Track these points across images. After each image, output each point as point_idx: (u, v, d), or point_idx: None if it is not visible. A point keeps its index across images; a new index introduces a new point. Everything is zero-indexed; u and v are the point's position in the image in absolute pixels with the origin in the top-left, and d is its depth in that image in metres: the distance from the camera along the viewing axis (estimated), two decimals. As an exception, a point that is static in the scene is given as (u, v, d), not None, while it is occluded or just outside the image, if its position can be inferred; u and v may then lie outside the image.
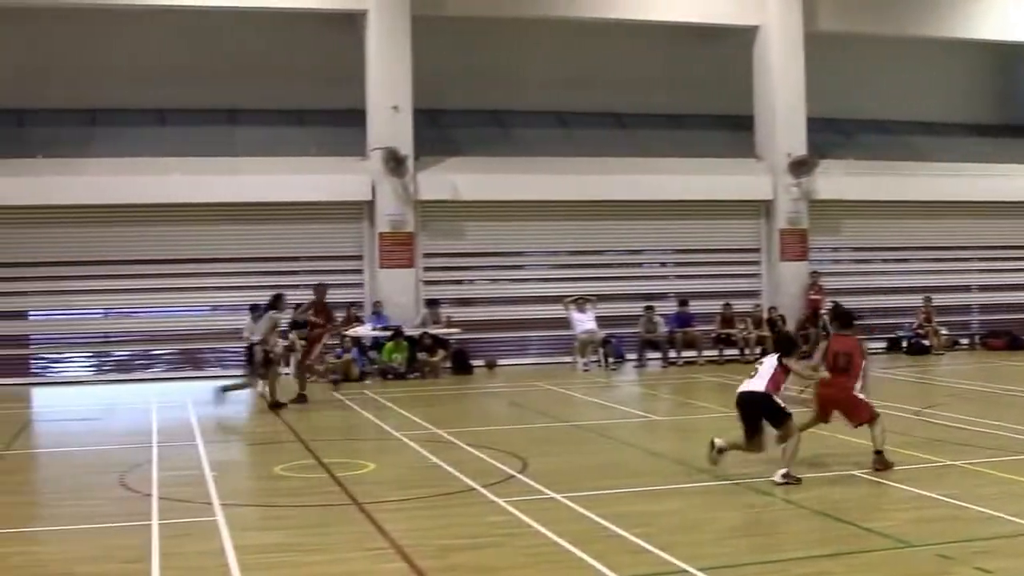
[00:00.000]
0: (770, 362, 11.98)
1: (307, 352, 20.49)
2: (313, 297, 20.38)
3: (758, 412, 11.74)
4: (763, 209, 28.08)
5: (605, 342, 25.39)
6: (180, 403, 19.67)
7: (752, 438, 11.80)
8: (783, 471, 11.42)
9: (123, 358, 25.39)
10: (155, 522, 10.37)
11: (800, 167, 27.34)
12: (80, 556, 9.41)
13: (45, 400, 22.04)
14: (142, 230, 24.84)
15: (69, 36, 25.47)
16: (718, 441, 11.90)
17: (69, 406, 20.28)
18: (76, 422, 18.02)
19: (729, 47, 28.18)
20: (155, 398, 20.49)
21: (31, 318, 25.42)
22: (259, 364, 18.78)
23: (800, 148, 27.41)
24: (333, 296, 24.59)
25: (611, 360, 25.31)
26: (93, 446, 15.85)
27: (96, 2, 24.88)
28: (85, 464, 14.22)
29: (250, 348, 19.05)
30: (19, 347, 24.93)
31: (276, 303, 19.38)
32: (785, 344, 12.30)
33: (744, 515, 10.60)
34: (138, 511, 10.92)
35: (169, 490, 11.84)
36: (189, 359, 25.58)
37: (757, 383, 11.79)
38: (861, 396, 12.31)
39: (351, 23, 25.91)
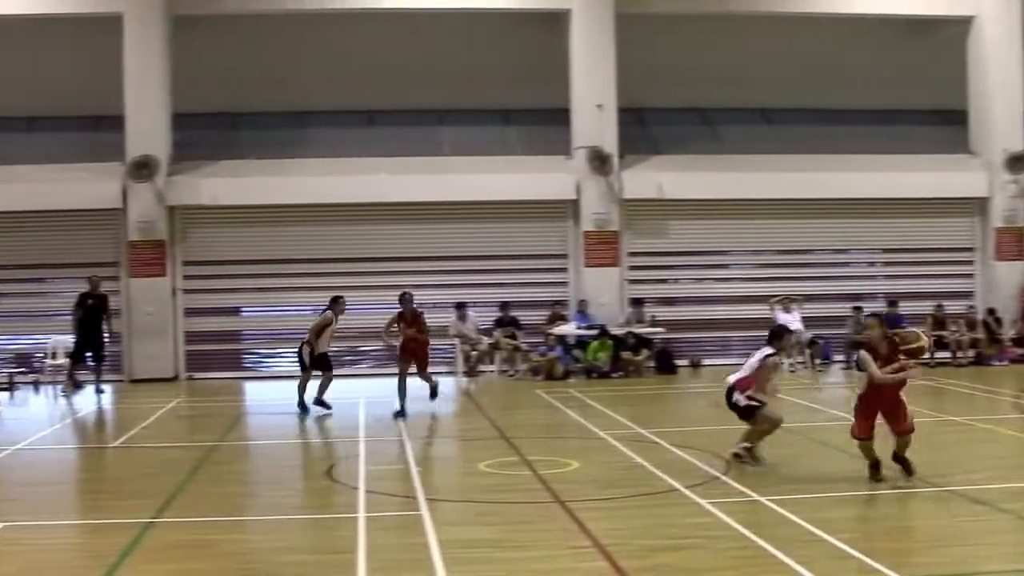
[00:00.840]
0: (757, 355, 12.52)
1: (422, 364, 18.89)
2: (400, 308, 18.70)
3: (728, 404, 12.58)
4: (977, 207, 27.08)
5: (811, 343, 24.87)
6: (386, 399, 19.97)
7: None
8: (742, 445, 12.29)
9: (331, 354, 25.92)
10: (361, 515, 10.54)
11: (1017, 163, 26.26)
12: (288, 546, 9.63)
13: (256, 394, 22.71)
14: (349, 229, 25.42)
15: (280, 41, 26.20)
16: (737, 449, 12.43)
17: (281, 400, 20.86)
18: (288, 415, 18.48)
19: (941, 39, 27.27)
20: (362, 393, 20.87)
21: (243, 314, 26.24)
22: (305, 365, 18.93)
23: (1017, 143, 26.34)
24: (539, 295, 24.77)
25: (817, 361, 24.76)
26: (303, 439, 16.24)
27: (306, 8, 25.52)
28: (296, 456, 14.58)
29: (300, 348, 19.23)
30: (232, 342, 25.78)
31: (334, 305, 19.32)
32: (772, 336, 12.78)
33: (955, 523, 10.17)
34: (345, 504, 11.13)
35: (375, 484, 12.03)
36: (394, 356, 25.95)
37: (733, 376, 12.65)
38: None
39: (555, 22, 25.98)
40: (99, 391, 22.20)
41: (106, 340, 22.84)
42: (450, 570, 8.54)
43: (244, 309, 26.17)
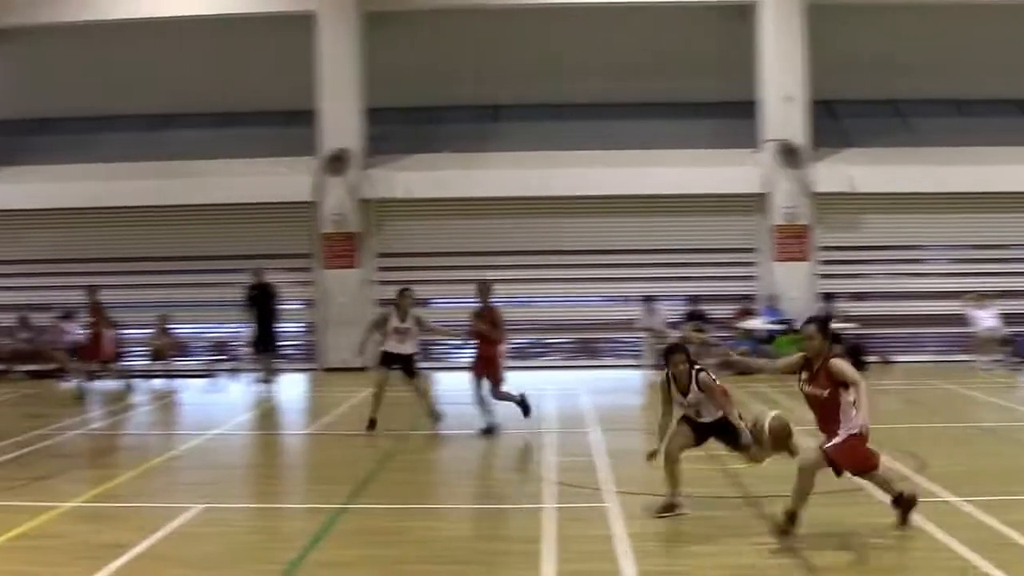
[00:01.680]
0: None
1: (493, 373, 16.01)
2: (479, 303, 16.71)
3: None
4: None
5: (1008, 341, 24.12)
6: (575, 391, 20.17)
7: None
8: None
9: (521, 346, 26.31)
10: (550, 505, 10.70)
11: None
12: (477, 535, 9.87)
13: (448, 384, 23.11)
14: (538, 222, 25.65)
15: (472, 36, 26.59)
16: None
17: (469, 390, 21.19)
18: (476, 405, 18.79)
19: None
20: (551, 385, 21.08)
21: (433, 306, 26.71)
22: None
23: None
24: (727, 289, 24.60)
25: (1015, 360, 24.02)
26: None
27: (497, 3, 25.87)
28: (485, 446, 14.86)
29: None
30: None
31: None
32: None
33: None
34: (532, 494, 11.32)
35: (563, 475, 12.20)
36: (584, 348, 26.22)
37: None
38: None
39: (744, 14, 25.77)
40: (266, 380, 22.76)
41: (274, 330, 23.39)
42: (638, 563, 8.61)
43: (434, 301, 26.62)
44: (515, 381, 21.64)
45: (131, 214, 26.16)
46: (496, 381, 15.90)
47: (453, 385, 22.37)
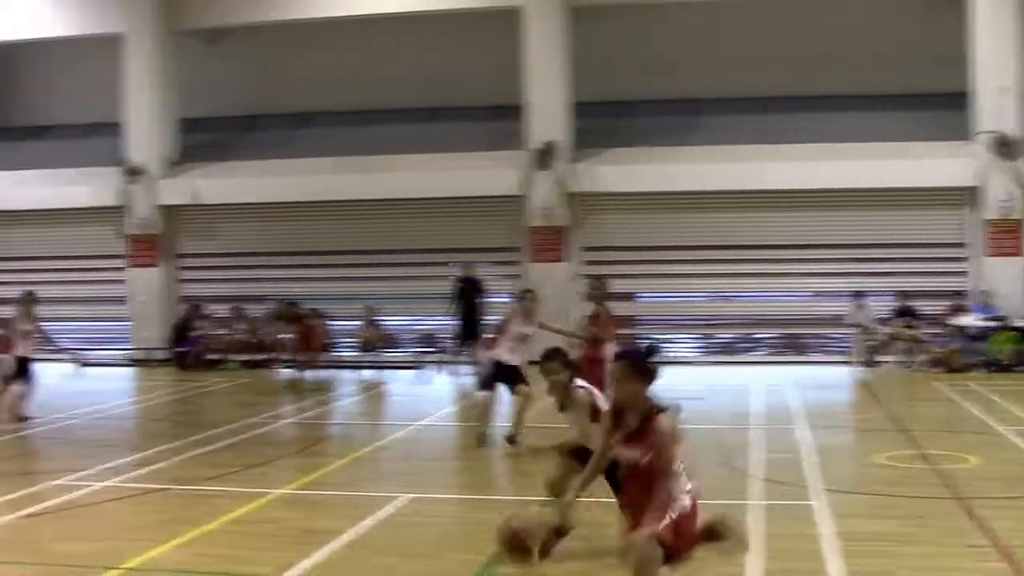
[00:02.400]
0: None
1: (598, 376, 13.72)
2: (594, 307, 15.48)
3: None
4: None
5: None
6: (781, 386, 19.81)
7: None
8: None
9: (727, 340, 26.01)
10: (754, 502, 10.54)
11: None
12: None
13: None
14: (743, 216, 25.24)
15: (674, 28, 26.35)
16: None
17: (675, 385, 20.99)
18: (682, 401, 18.61)
19: None
20: (757, 381, 20.76)
21: (638, 300, 26.61)
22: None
23: None
24: (937, 285, 23.80)
25: None
26: (697, 424, 16.32)
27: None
28: (690, 441, 14.68)
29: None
30: (627, 327, 26.18)
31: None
32: None
33: None
34: (739, 490, 11.13)
35: (770, 472, 11.99)
36: (791, 344, 25.75)
37: None
38: None
39: (954, 3, 24.80)
40: (472, 373, 22.81)
41: (479, 322, 23.46)
42: (846, 563, 8.42)
43: (639, 295, 26.51)
44: (720, 376, 21.50)
45: (338, 208, 26.75)
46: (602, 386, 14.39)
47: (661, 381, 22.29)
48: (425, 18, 26.58)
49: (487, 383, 14.68)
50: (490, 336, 15.07)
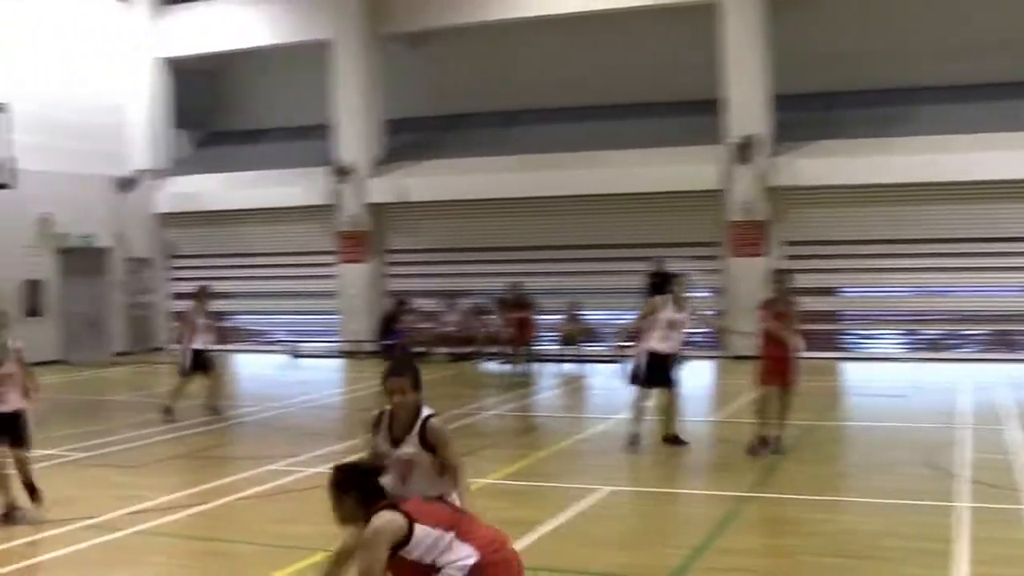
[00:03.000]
0: None
1: (787, 377, 13.09)
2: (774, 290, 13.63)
3: None
4: None
5: None
6: (991, 385, 19.28)
7: None
8: None
9: (933, 337, 25.38)
10: (962, 504, 10.36)
11: None
12: (881, 530, 9.65)
13: (854, 375, 22.65)
14: (950, 208, 24.50)
15: (873, 17, 25.85)
16: None
17: (878, 382, 20.68)
18: (885, 398, 18.34)
19: None
20: (965, 379, 20.25)
21: (841, 294, 26.17)
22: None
23: None
24: None
25: None
26: (899, 423, 16.10)
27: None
28: (892, 440, 14.49)
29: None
30: (828, 322, 25.80)
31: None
32: None
33: None
34: (943, 491, 10.96)
35: (977, 473, 11.75)
36: (1002, 340, 24.96)
37: None
38: None
39: None
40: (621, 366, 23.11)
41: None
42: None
43: (842, 289, 26.07)
44: (925, 374, 21.00)
45: (540, 204, 27.04)
46: (789, 386, 13.11)
47: (864, 377, 21.99)
48: (625, 15, 26.74)
49: (640, 377, 13.84)
50: (634, 328, 14.13)
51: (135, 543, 9.66)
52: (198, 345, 17.59)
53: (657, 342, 13.66)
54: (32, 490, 10.63)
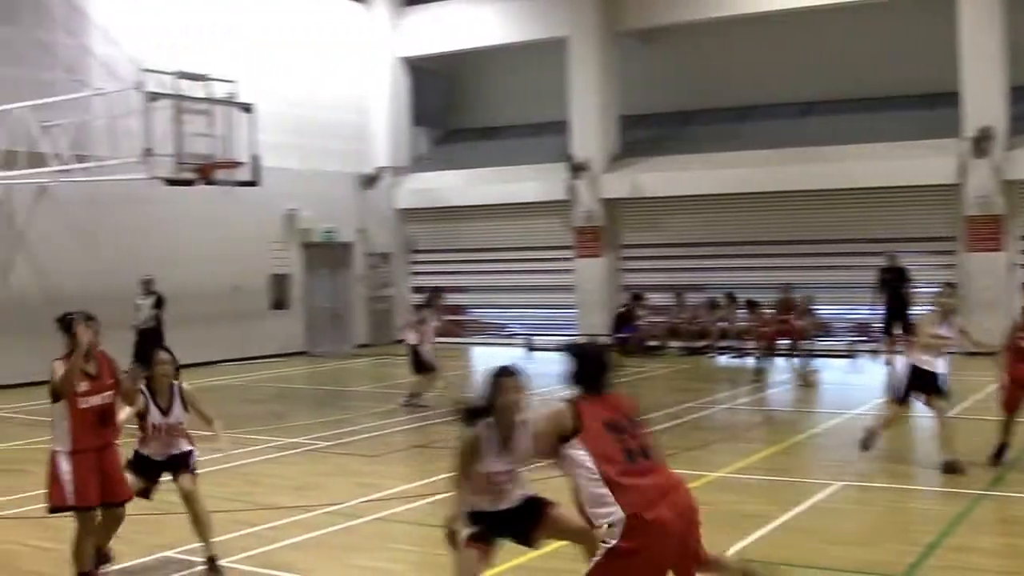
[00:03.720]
0: None
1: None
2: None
3: None
4: None
5: None
6: None
7: None
8: None
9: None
10: None
11: None
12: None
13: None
14: None
15: None
16: None
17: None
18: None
19: None
20: None
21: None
22: None
23: None
24: None
25: None
26: None
27: None
28: None
29: None
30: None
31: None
32: None
33: None
34: None
35: None
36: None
37: None
38: None
39: None
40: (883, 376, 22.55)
41: (906, 312, 22.99)
42: None
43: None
44: None
45: (774, 199, 26.83)
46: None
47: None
48: (857, 7, 26.42)
49: (899, 391, 12.61)
50: (906, 339, 13.32)
51: (375, 530, 10.01)
52: (427, 345, 18.19)
53: (921, 355, 12.49)
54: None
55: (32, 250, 22.50)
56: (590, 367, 6.28)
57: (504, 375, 6.73)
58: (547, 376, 7.68)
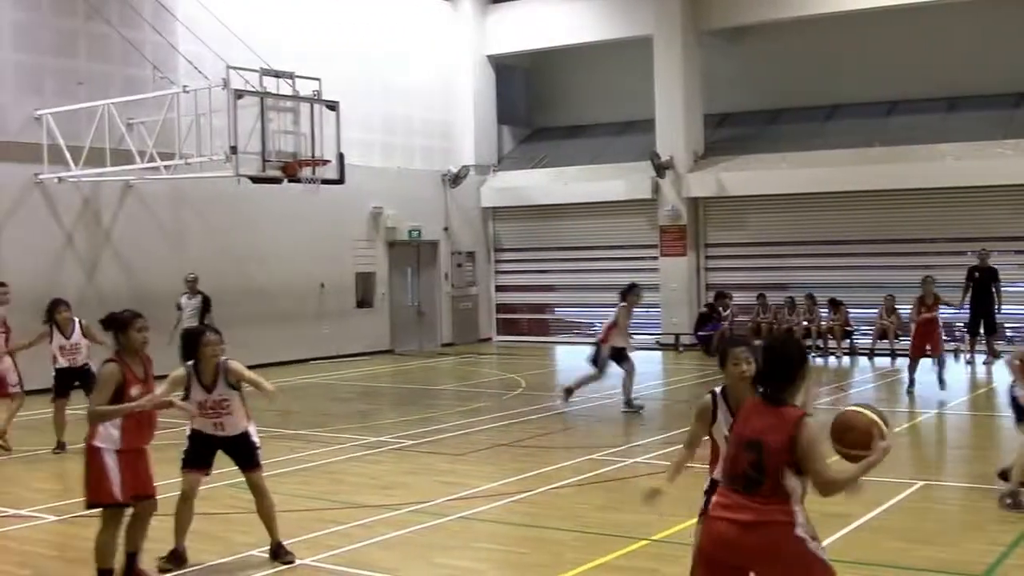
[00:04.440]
0: None
1: None
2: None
3: None
4: None
5: None
6: None
7: None
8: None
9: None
10: None
11: None
12: None
13: None
14: None
15: None
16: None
17: None
18: None
19: None
20: None
21: None
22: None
23: None
24: None
25: None
26: None
27: None
28: None
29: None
30: None
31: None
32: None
33: None
34: None
35: None
36: None
37: None
38: None
39: None
40: (986, 362, 22.74)
41: (994, 312, 22.95)
42: None
43: None
44: None
45: (860, 198, 26.52)
46: None
47: None
48: (942, 6, 26.14)
49: None
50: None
51: (460, 528, 9.99)
52: (619, 343, 17.89)
53: None
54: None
55: (118, 248, 22.76)
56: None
57: (734, 345, 7.01)
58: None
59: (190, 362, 8.87)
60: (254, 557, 9.03)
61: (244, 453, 8.98)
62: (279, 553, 8.92)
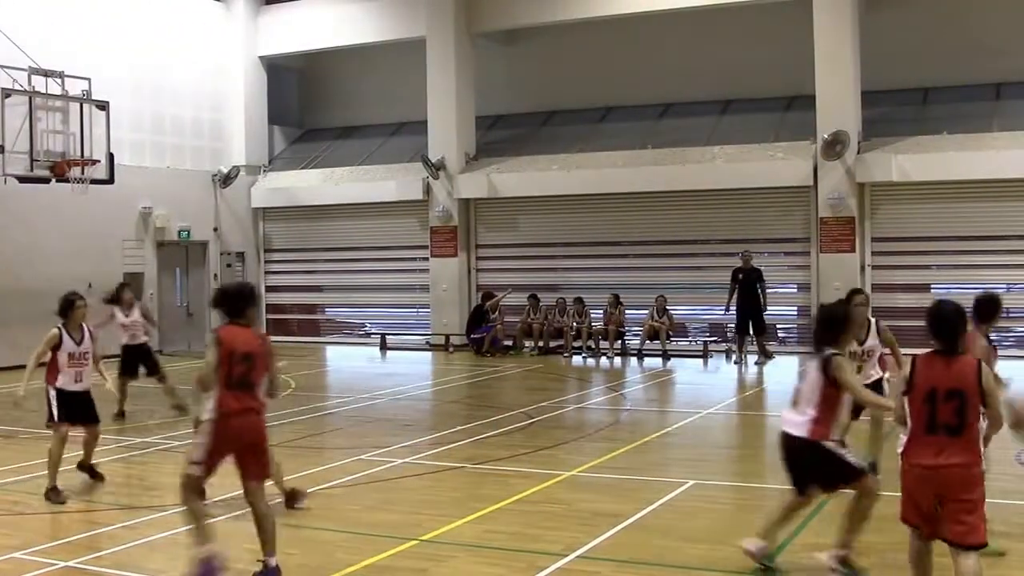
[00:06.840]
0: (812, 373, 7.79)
1: None
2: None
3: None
4: None
5: None
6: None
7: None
8: (836, 554, 8.05)
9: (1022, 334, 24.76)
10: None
11: None
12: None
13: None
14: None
15: (979, 10, 25.59)
16: (749, 546, 8.25)
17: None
18: None
19: None
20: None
21: (934, 291, 25.55)
22: None
23: None
24: None
25: None
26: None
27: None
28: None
29: None
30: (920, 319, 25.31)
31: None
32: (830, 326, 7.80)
33: None
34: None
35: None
36: None
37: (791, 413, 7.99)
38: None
39: None
40: (758, 362, 23.34)
41: (760, 313, 23.72)
42: None
43: (935, 286, 25.50)
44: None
45: (632, 200, 27.16)
46: None
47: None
48: (715, 11, 26.87)
49: None
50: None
51: (229, 529, 9.89)
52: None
53: None
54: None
55: None
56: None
57: (856, 292, 9.90)
58: (402, 376, 7.79)
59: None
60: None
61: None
62: None
